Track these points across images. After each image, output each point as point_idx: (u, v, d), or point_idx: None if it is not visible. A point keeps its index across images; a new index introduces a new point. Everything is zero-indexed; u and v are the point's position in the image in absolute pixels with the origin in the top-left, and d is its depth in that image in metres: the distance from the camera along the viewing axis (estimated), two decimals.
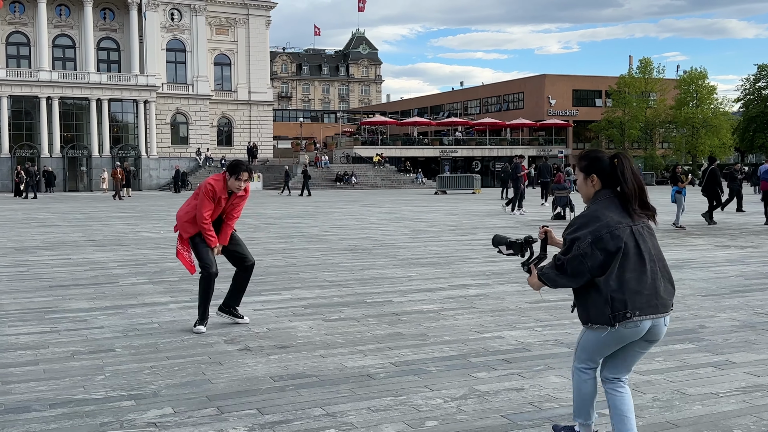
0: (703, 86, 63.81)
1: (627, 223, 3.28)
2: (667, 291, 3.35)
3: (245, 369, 5.26)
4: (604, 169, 3.37)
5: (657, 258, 3.34)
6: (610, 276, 3.25)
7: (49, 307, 7.63)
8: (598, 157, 3.41)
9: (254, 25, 65.15)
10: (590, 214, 3.32)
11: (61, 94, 55.51)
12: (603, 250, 3.23)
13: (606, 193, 3.36)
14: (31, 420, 4.22)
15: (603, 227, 3.24)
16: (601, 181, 3.39)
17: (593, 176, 3.39)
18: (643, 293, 3.26)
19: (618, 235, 3.24)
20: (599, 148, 3.50)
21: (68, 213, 25.31)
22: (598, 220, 3.27)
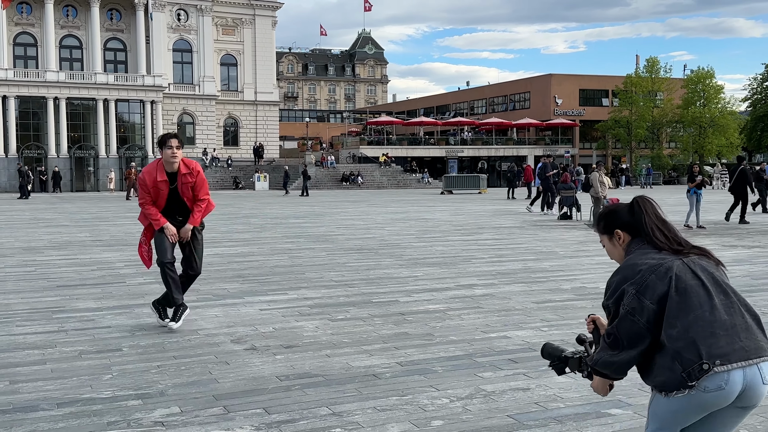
0: (710, 86, 63.62)
1: (674, 258, 2.64)
2: (751, 329, 2.56)
3: (252, 368, 5.28)
4: (625, 221, 2.80)
5: (728, 288, 2.61)
6: (669, 324, 2.54)
7: (56, 307, 7.67)
8: (614, 211, 2.87)
9: (260, 26, 65.27)
10: (625, 265, 2.69)
11: (68, 94, 55.72)
12: (653, 297, 2.56)
13: (638, 242, 2.75)
14: (38, 419, 4.24)
15: (645, 272, 2.60)
16: (627, 232, 2.79)
17: (617, 231, 2.80)
18: (718, 334, 2.50)
19: (666, 272, 2.58)
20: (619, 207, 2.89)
21: (75, 213, 25.40)
22: (636, 267, 2.63)
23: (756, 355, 2.50)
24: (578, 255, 12.02)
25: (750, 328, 2.55)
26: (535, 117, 66.87)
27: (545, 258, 11.63)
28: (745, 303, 2.60)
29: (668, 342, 2.52)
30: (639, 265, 2.63)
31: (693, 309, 2.52)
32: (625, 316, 2.58)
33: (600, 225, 2.90)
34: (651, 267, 2.61)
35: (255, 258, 11.90)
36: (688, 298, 2.54)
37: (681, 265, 2.61)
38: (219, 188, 53.99)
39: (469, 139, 65.59)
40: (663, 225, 2.75)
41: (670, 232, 2.75)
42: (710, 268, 2.64)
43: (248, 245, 13.98)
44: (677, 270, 2.59)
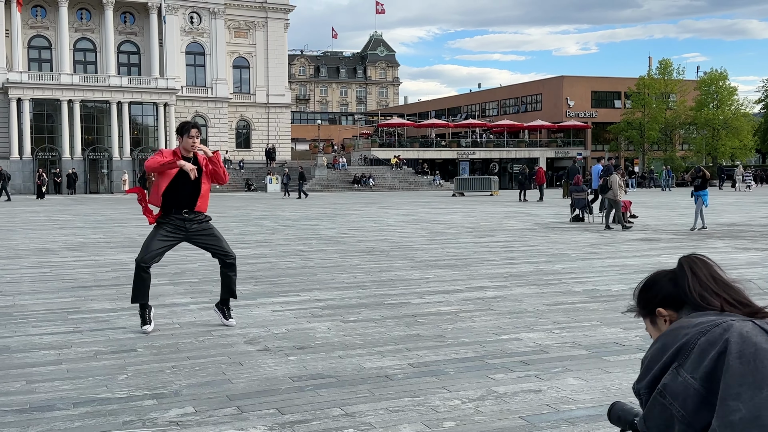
0: (723, 87, 63.32)
1: (740, 318, 1.83)
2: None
3: (265, 369, 5.32)
4: (668, 294, 1.97)
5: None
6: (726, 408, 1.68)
7: (71, 308, 7.75)
8: (653, 283, 2.03)
9: (272, 28, 65.53)
10: (668, 331, 1.88)
11: (82, 97, 56.15)
12: (699, 371, 1.74)
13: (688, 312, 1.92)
14: (55, 418, 4.30)
15: (693, 335, 1.78)
16: (673, 309, 1.95)
17: (659, 311, 1.97)
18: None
19: (722, 334, 1.76)
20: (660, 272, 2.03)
21: (89, 215, 25.59)
22: (681, 330, 1.82)
23: None
24: (590, 257, 12.00)
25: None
26: (546, 119, 66.73)
27: (557, 260, 11.62)
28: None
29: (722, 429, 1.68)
30: (686, 328, 1.82)
31: (763, 383, 1.67)
32: (655, 399, 1.79)
33: (639, 305, 2.06)
34: (702, 328, 1.79)
35: (267, 260, 11.96)
36: (761, 367, 1.69)
37: (751, 326, 1.78)
38: (231, 190, 54.21)
39: (481, 142, 65.53)
40: (723, 288, 1.93)
41: (735, 295, 1.92)
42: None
43: (261, 247, 14.04)
44: (742, 330, 1.76)
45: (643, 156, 65.80)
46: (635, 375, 5.08)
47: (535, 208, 28.58)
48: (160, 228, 6.53)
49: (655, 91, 63.05)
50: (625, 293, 8.44)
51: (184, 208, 6.51)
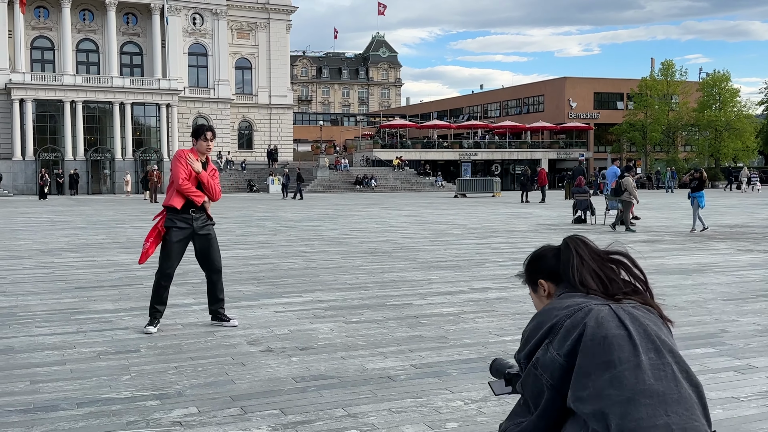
0: (726, 89, 63.27)
1: (600, 302, 2.05)
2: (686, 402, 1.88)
3: (268, 370, 5.33)
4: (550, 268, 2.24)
5: (663, 345, 1.96)
6: (579, 384, 1.93)
7: (74, 308, 7.77)
8: (538, 257, 2.31)
9: (275, 29, 65.60)
10: (542, 311, 2.12)
11: (85, 98, 56.24)
12: (563, 348, 1.97)
13: (564, 287, 2.18)
14: (59, 418, 4.31)
15: (562, 317, 2.02)
16: (552, 282, 2.23)
17: (540, 282, 2.24)
18: (638, 401, 1.86)
19: (583, 318, 1.99)
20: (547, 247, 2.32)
21: (92, 215, 25.63)
22: (552, 312, 2.06)
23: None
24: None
25: (684, 401, 1.88)
26: (549, 120, 66.72)
27: None
28: (685, 368, 1.95)
29: (575, 406, 1.94)
30: (556, 309, 2.06)
31: (610, 366, 1.90)
32: (529, 370, 2.04)
33: (525, 277, 2.34)
34: (569, 311, 2.02)
35: (270, 260, 11.97)
36: (607, 351, 1.91)
37: (606, 311, 2.00)
38: (233, 191, 54.25)
39: (483, 143, 65.56)
40: (600, 267, 2.16)
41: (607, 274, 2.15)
42: (645, 319, 2.00)
43: (263, 248, 14.06)
44: (598, 314, 1.98)
45: (646, 157, 65.77)
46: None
47: (538, 209, 28.58)
48: (170, 235, 6.58)
49: (657, 93, 63.02)
50: None
51: (191, 207, 6.64)
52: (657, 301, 2.15)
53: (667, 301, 8.04)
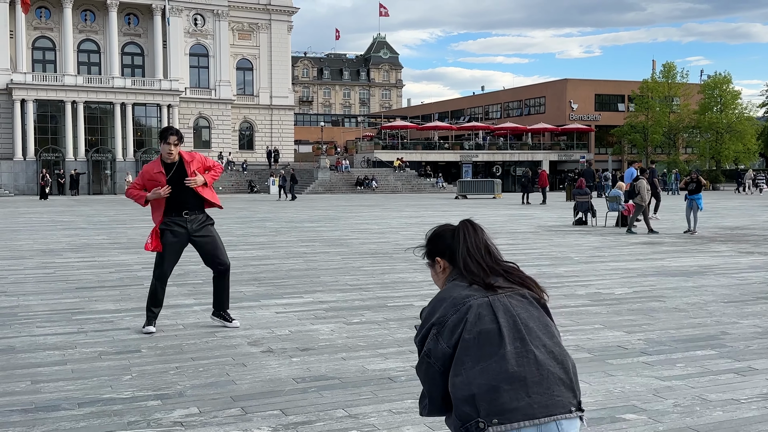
0: (727, 91, 63.27)
1: (481, 295, 2.34)
2: (547, 382, 2.23)
3: (268, 370, 5.34)
4: (446, 247, 2.51)
5: (529, 333, 2.28)
6: (455, 372, 2.27)
7: (75, 309, 7.78)
8: (437, 236, 2.56)
9: (276, 30, 65.64)
10: (434, 299, 2.41)
11: (86, 98, 56.27)
12: (450, 340, 2.30)
13: (456, 272, 2.46)
14: (60, 418, 4.32)
15: (450, 312, 2.32)
16: (448, 261, 2.50)
17: (437, 260, 2.53)
18: (501, 388, 2.20)
19: (465, 313, 2.30)
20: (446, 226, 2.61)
21: (93, 216, 25.65)
22: (441, 303, 2.37)
23: (546, 413, 2.19)
24: (593, 261, 12.01)
25: (545, 381, 2.21)
26: (550, 122, 66.72)
27: (560, 263, 11.63)
28: (550, 349, 2.26)
29: (452, 391, 2.27)
30: (445, 301, 2.35)
31: (482, 359, 2.23)
32: (422, 358, 2.36)
33: (425, 251, 2.59)
34: (454, 305, 2.32)
35: (270, 261, 11.98)
36: (480, 346, 2.25)
37: (484, 306, 2.30)
38: (234, 192, 54.27)
39: (484, 144, 65.57)
40: (481, 254, 2.42)
41: (487, 263, 2.42)
42: (517, 309, 2.32)
43: (264, 249, 14.07)
44: (477, 311, 2.29)
45: (647, 159, 65.74)
46: (638, 378, 5.12)
47: (539, 211, 28.59)
48: (164, 238, 6.47)
49: (658, 95, 63.02)
50: (629, 297, 8.45)
51: (183, 210, 6.50)
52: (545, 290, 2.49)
53: (668, 303, 8.05)
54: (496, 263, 2.46)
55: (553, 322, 2.41)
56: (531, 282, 2.46)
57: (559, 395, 2.23)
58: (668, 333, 6.54)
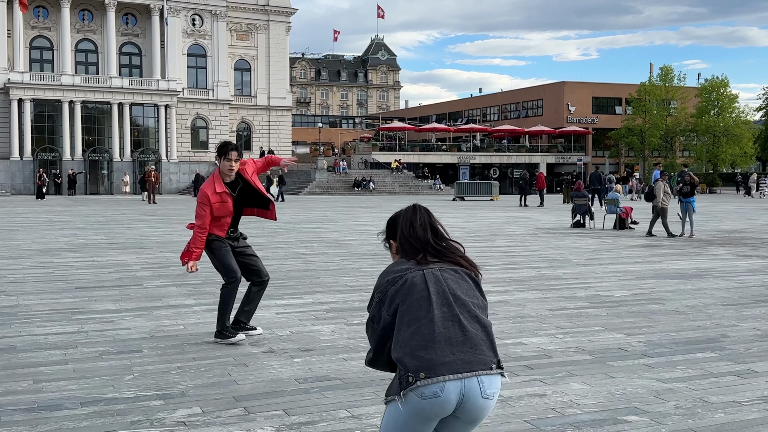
0: (724, 94, 63.38)
1: (417, 269, 2.73)
2: (471, 342, 2.58)
3: (270, 371, 5.34)
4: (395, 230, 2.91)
5: (456, 300, 2.65)
6: (394, 337, 2.67)
7: (75, 308, 7.77)
8: (392, 220, 2.96)
9: (274, 31, 65.60)
10: (382, 273, 2.82)
11: (84, 98, 56.17)
12: (390, 309, 2.69)
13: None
14: (63, 418, 4.32)
15: (389, 282, 2.72)
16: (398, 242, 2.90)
17: (390, 242, 2.94)
18: (429, 347, 2.55)
19: (402, 285, 2.69)
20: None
21: (90, 216, 25.61)
22: (385, 277, 2.76)
23: (468, 369, 2.54)
24: (592, 263, 12.03)
25: (469, 341, 2.57)
26: (547, 124, 66.82)
27: (559, 266, 11.65)
28: (474, 314, 2.64)
29: (392, 352, 2.66)
30: (388, 275, 2.76)
31: (413, 322, 2.61)
32: (368, 323, 2.80)
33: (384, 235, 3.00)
34: (393, 278, 2.72)
35: (269, 262, 11.96)
36: (412, 311, 2.63)
37: (419, 278, 2.69)
38: None
39: (482, 146, 65.63)
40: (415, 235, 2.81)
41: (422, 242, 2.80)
42: (447, 280, 2.70)
43: (262, 249, 14.04)
44: (412, 282, 2.68)
45: (644, 162, 65.86)
46: (639, 380, 5.14)
47: (536, 213, 28.62)
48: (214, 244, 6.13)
49: (656, 98, 63.11)
50: (628, 299, 8.47)
51: (230, 228, 6.23)
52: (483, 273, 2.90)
53: (667, 305, 8.07)
54: (438, 241, 2.83)
55: (482, 295, 2.78)
56: (465, 260, 2.84)
57: (481, 354, 2.59)
58: (668, 335, 6.56)
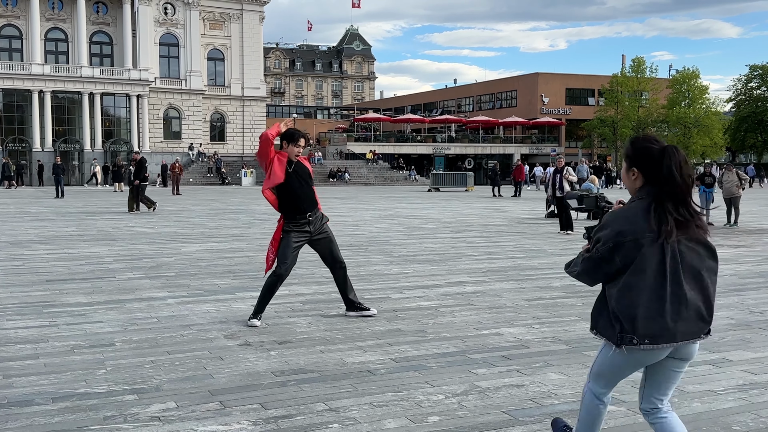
0: (695, 86, 64.11)
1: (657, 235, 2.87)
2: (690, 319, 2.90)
3: (246, 364, 5.28)
4: (648, 163, 2.92)
5: (688, 281, 2.89)
6: (621, 291, 2.90)
7: (46, 301, 7.63)
8: (645, 147, 2.95)
9: (248, 21, 65.00)
10: (621, 214, 2.94)
11: (54, 87, 55.28)
12: (624, 259, 2.88)
13: (646, 191, 2.93)
14: (34, 413, 4.23)
15: (628, 233, 2.86)
16: (643, 176, 2.95)
17: (633, 170, 2.98)
18: (655, 319, 2.85)
19: (641, 247, 2.86)
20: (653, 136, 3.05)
21: (61, 207, 25.22)
22: (626, 224, 2.89)
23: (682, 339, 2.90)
24: (567, 253, 12.08)
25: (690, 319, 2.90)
26: (521, 115, 67.12)
27: (534, 256, 11.69)
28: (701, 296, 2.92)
29: (612, 303, 2.92)
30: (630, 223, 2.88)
31: (644, 290, 2.85)
32: (594, 259, 2.95)
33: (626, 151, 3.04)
34: (634, 233, 2.86)
35: (245, 253, 11.88)
36: (644, 280, 2.86)
37: (658, 248, 2.86)
38: (205, 183, 53.78)
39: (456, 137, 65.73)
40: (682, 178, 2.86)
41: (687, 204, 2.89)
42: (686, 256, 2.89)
43: (237, 241, 13.94)
44: (650, 250, 2.85)
45: (616, 153, 66.45)
46: None
47: (511, 203, 28.75)
48: (288, 236, 6.52)
49: (628, 89, 63.67)
50: None
51: (307, 211, 6.58)
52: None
53: None
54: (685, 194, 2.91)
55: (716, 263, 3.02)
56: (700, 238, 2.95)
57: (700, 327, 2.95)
58: None
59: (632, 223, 2.88)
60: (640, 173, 2.95)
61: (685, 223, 2.87)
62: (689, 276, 2.89)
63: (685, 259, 2.89)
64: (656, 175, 2.89)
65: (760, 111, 70.26)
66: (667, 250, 2.86)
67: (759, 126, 70.36)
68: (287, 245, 6.51)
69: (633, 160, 2.98)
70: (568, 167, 16.93)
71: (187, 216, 20.95)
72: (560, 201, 16.28)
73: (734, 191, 17.88)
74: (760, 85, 72.03)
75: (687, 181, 2.87)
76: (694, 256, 2.91)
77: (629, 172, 2.99)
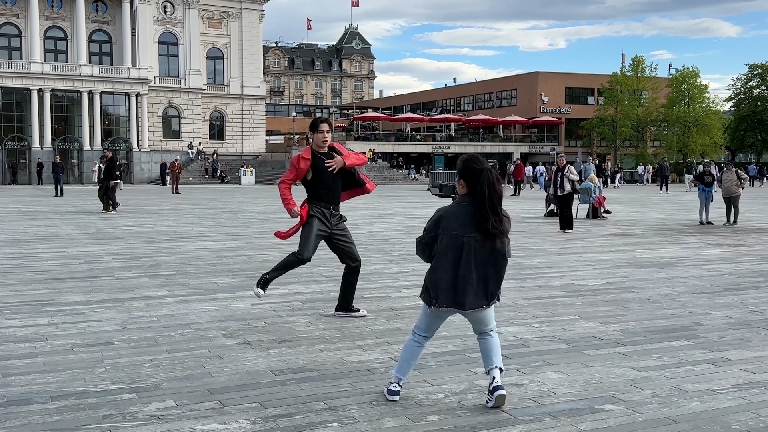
0: (695, 85, 64.11)
1: (462, 233, 4.06)
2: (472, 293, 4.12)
3: (245, 363, 5.27)
4: (470, 178, 4.08)
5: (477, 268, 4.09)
6: (432, 268, 4.19)
7: (45, 300, 7.62)
8: (470, 167, 4.10)
9: (247, 19, 64.99)
10: (445, 210, 4.18)
11: (53, 86, 55.26)
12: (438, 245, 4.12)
13: (469, 199, 4.09)
14: (33, 412, 4.22)
15: (444, 228, 4.11)
16: (467, 186, 4.11)
17: (461, 181, 4.13)
18: (450, 290, 4.12)
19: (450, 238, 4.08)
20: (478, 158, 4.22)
21: (60, 205, 25.20)
22: (444, 220, 4.12)
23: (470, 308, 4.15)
24: (566, 252, 12.09)
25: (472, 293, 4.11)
26: (521, 114, 67.13)
27: (533, 255, 11.69)
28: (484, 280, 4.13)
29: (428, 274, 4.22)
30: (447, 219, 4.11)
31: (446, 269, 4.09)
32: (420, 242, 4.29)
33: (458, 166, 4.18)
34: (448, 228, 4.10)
35: (244, 252, 11.87)
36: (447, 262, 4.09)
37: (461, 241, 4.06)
38: (204, 182, 53.78)
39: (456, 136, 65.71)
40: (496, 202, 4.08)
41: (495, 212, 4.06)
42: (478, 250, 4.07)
43: (237, 239, 13.94)
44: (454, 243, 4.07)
45: (615, 152, 66.47)
46: (615, 369, 5.14)
47: (511, 202, 28.74)
48: (312, 221, 6.56)
49: (627, 88, 63.66)
50: (602, 288, 8.52)
51: (332, 204, 6.62)
52: None
53: (641, 294, 8.13)
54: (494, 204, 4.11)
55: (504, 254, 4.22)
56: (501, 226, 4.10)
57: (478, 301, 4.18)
58: (643, 324, 6.60)
59: (449, 219, 4.08)
60: (466, 184, 4.10)
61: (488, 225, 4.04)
62: (479, 264, 4.08)
63: (478, 252, 4.06)
64: (475, 187, 4.04)
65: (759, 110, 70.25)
66: (467, 243, 4.06)
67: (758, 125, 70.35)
68: (310, 230, 6.55)
69: (461, 174, 4.12)
70: (569, 165, 16.93)
71: (186, 215, 20.95)
72: (561, 199, 16.28)
73: (733, 190, 17.89)
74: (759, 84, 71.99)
75: (495, 196, 4.03)
76: (485, 252, 4.08)
77: (459, 182, 4.14)
